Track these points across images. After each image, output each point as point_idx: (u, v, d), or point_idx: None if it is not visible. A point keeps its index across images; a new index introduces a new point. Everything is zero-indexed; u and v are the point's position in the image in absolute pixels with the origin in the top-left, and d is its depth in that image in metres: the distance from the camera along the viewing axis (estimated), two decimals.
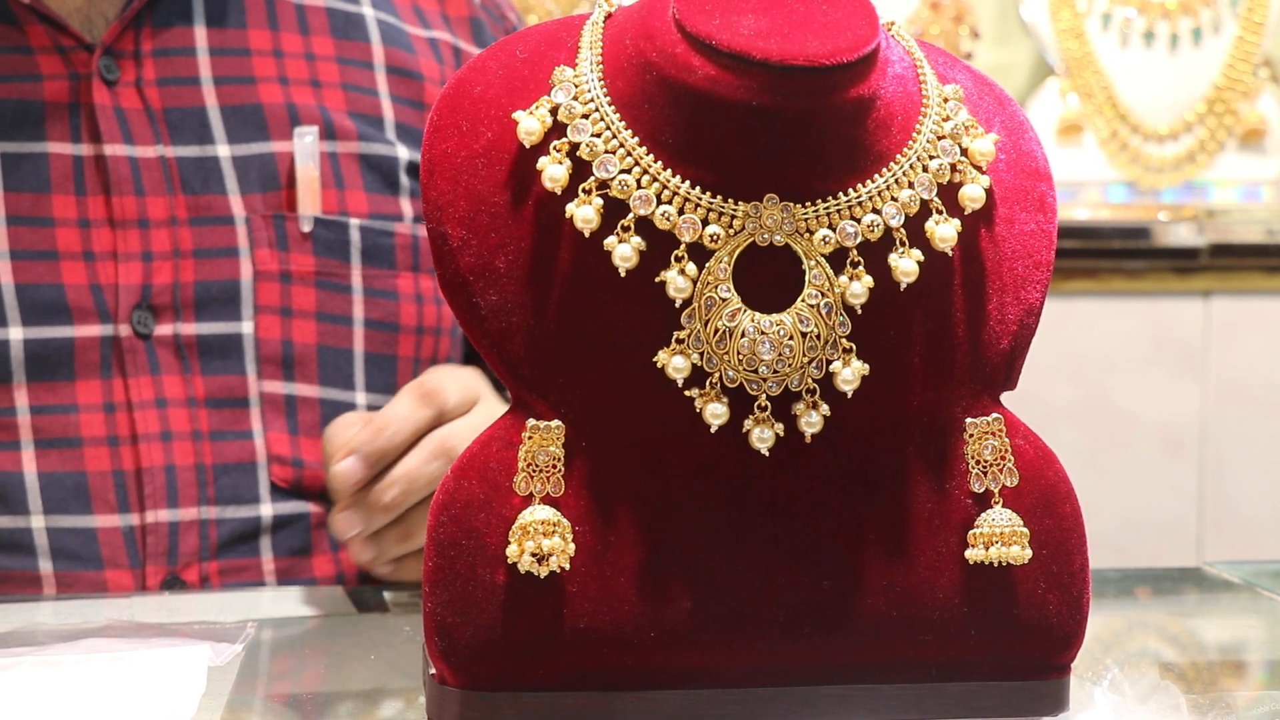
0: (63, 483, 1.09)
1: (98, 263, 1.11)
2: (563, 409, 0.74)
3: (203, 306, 1.12)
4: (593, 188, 0.72)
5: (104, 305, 1.10)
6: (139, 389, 1.10)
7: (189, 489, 1.10)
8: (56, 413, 1.09)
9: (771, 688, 0.74)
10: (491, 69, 0.77)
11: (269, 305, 1.14)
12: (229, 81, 1.15)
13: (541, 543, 0.72)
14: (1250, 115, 2.49)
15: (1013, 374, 0.77)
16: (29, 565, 1.09)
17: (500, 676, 0.73)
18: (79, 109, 1.12)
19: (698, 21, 0.72)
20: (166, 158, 1.13)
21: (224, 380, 1.13)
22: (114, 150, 1.11)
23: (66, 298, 1.10)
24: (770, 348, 0.72)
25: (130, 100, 1.13)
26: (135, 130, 1.12)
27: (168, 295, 1.11)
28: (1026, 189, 0.78)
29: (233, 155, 1.14)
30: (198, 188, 1.13)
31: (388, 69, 1.20)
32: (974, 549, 0.75)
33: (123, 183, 1.11)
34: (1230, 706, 0.84)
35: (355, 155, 1.17)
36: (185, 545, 1.10)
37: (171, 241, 1.12)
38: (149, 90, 1.13)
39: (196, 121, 1.14)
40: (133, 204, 1.11)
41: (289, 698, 0.86)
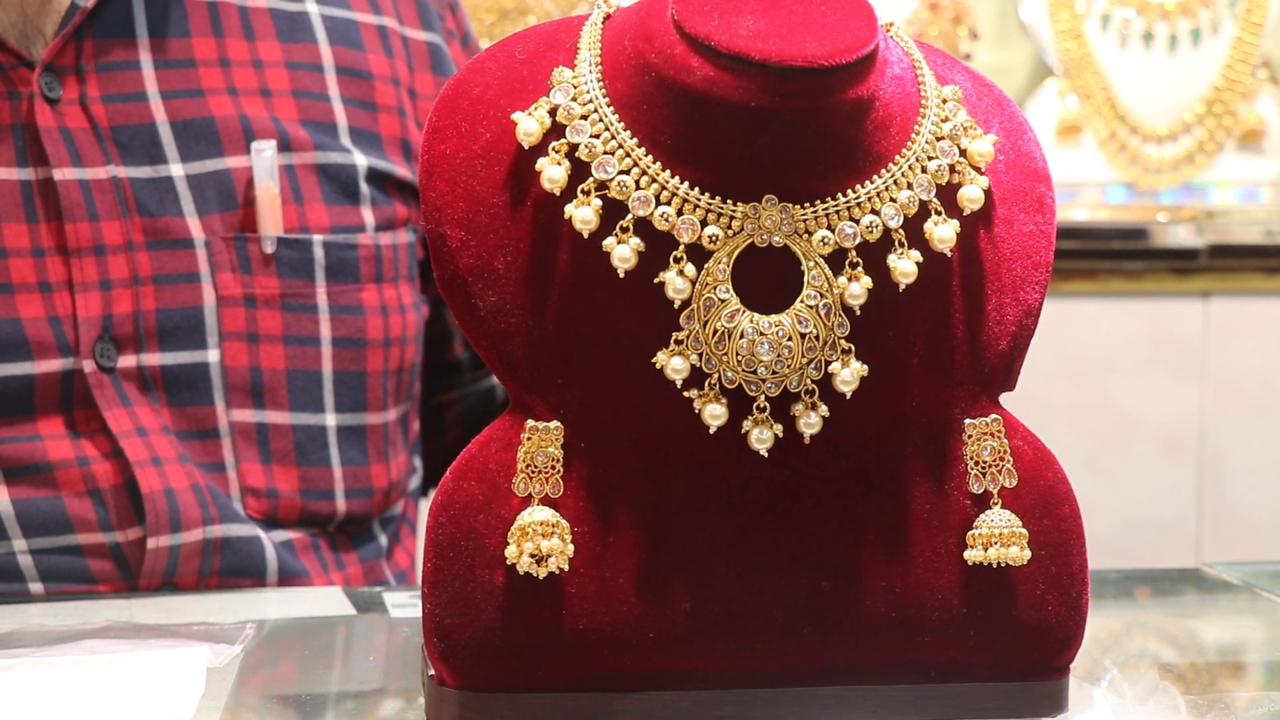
0: (36, 507, 1.06)
1: (54, 294, 1.05)
2: (561, 410, 0.74)
3: (166, 336, 1.08)
4: (591, 189, 0.72)
5: (64, 339, 1.05)
6: (117, 420, 1.06)
7: (191, 509, 1.07)
8: (20, 441, 1.05)
9: (770, 688, 0.74)
10: (490, 70, 0.77)
11: (234, 331, 1.09)
12: (177, 95, 1.10)
13: (540, 544, 0.72)
14: (1249, 116, 2.49)
15: (1011, 375, 0.77)
16: (19, 588, 1.06)
17: (499, 677, 0.73)
18: (23, 130, 1.06)
19: (696, 22, 0.72)
20: (119, 178, 1.07)
21: (192, 411, 1.08)
22: (63, 174, 1.05)
23: (25, 332, 1.05)
24: (769, 349, 0.72)
25: (76, 119, 1.07)
26: (84, 151, 1.06)
27: (130, 325, 1.07)
28: (1025, 190, 0.78)
29: (187, 174, 1.09)
30: (153, 209, 1.08)
31: (337, 70, 1.15)
32: (973, 550, 0.75)
33: (75, 208, 1.05)
34: (1229, 707, 0.84)
35: (312, 166, 1.13)
36: (186, 566, 1.07)
37: (130, 268, 1.07)
38: (94, 107, 1.07)
39: (147, 139, 1.09)
40: (87, 230, 1.05)
41: (288, 699, 0.86)
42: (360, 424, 1.13)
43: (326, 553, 1.13)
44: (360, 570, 1.15)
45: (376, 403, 1.14)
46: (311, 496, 1.11)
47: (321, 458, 1.11)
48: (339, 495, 1.12)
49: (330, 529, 1.13)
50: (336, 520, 1.12)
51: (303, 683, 0.90)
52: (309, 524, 1.12)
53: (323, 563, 1.13)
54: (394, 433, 1.16)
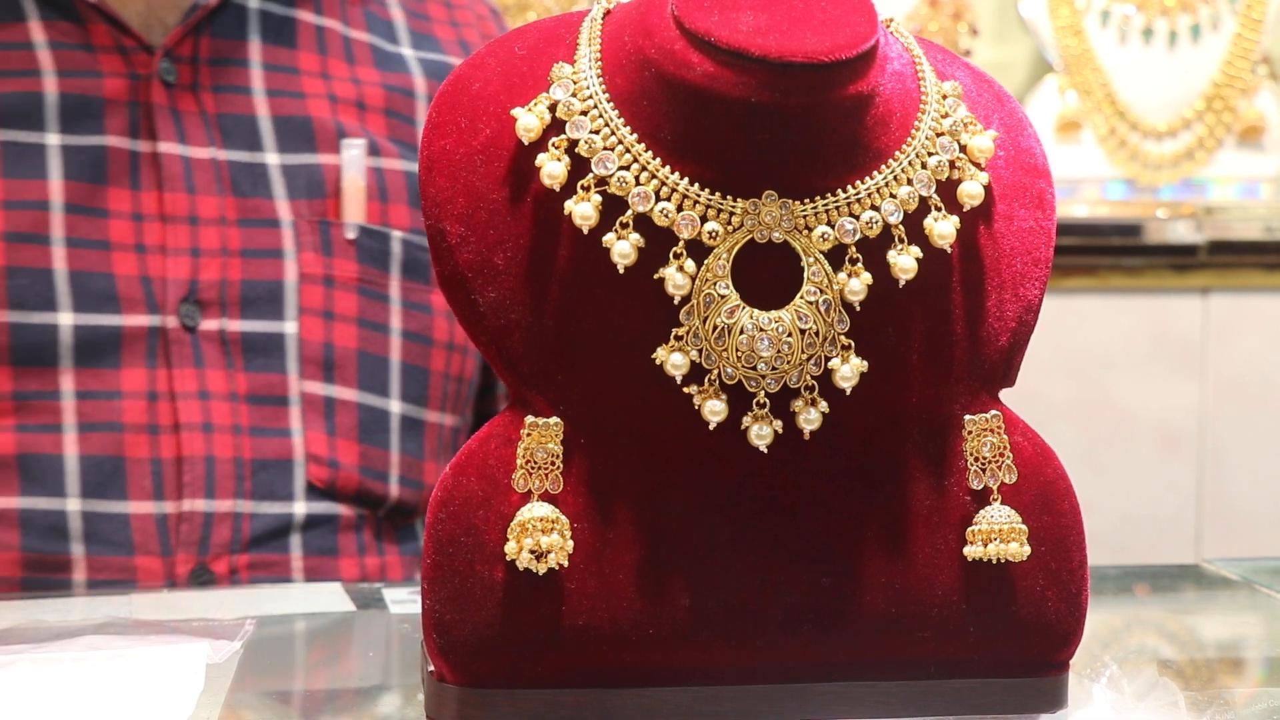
0: (102, 466, 1.12)
1: (148, 255, 1.14)
2: (561, 406, 0.74)
3: (248, 304, 1.16)
4: (591, 184, 0.72)
5: (152, 297, 1.14)
6: (183, 380, 1.13)
7: (226, 481, 1.13)
8: (100, 398, 1.12)
9: (770, 685, 0.74)
10: (490, 66, 0.77)
11: (312, 307, 1.17)
12: (279, 94, 1.19)
13: (540, 540, 0.72)
14: (1249, 112, 2.49)
15: (1011, 371, 0.77)
16: (61, 549, 1.11)
17: (499, 673, 0.73)
18: (137, 107, 1.16)
19: (696, 18, 0.72)
20: (218, 160, 1.16)
21: (266, 378, 1.15)
22: (169, 148, 1.15)
23: (116, 287, 1.13)
24: (769, 344, 0.72)
25: (186, 103, 1.17)
26: (190, 131, 1.16)
27: (214, 291, 1.15)
28: (1025, 186, 0.78)
29: (281, 163, 1.18)
30: (247, 190, 1.17)
31: (428, 99, 1.24)
32: (973, 546, 0.75)
33: (175, 179, 1.15)
34: (1228, 703, 0.84)
35: (400, 172, 1.21)
36: (218, 536, 1.12)
37: (220, 240, 1.15)
38: (204, 95, 1.17)
39: (247, 129, 1.18)
40: (184, 200, 1.15)
41: (287, 695, 0.86)
42: (420, 418, 1.20)
43: (369, 535, 1.18)
44: (399, 561, 1.20)
45: (436, 402, 1.21)
46: (369, 475, 1.17)
47: (382, 440, 1.18)
48: (393, 480, 1.18)
49: (380, 513, 1.18)
50: (387, 505, 1.18)
51: (302, 679, 0.90)
52: (362, 502, 1.17)
53: (361, 544, 1.17)
54: (448, 439, 1.23)
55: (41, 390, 1.12)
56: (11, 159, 1.13)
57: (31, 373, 1.12)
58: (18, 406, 1.12)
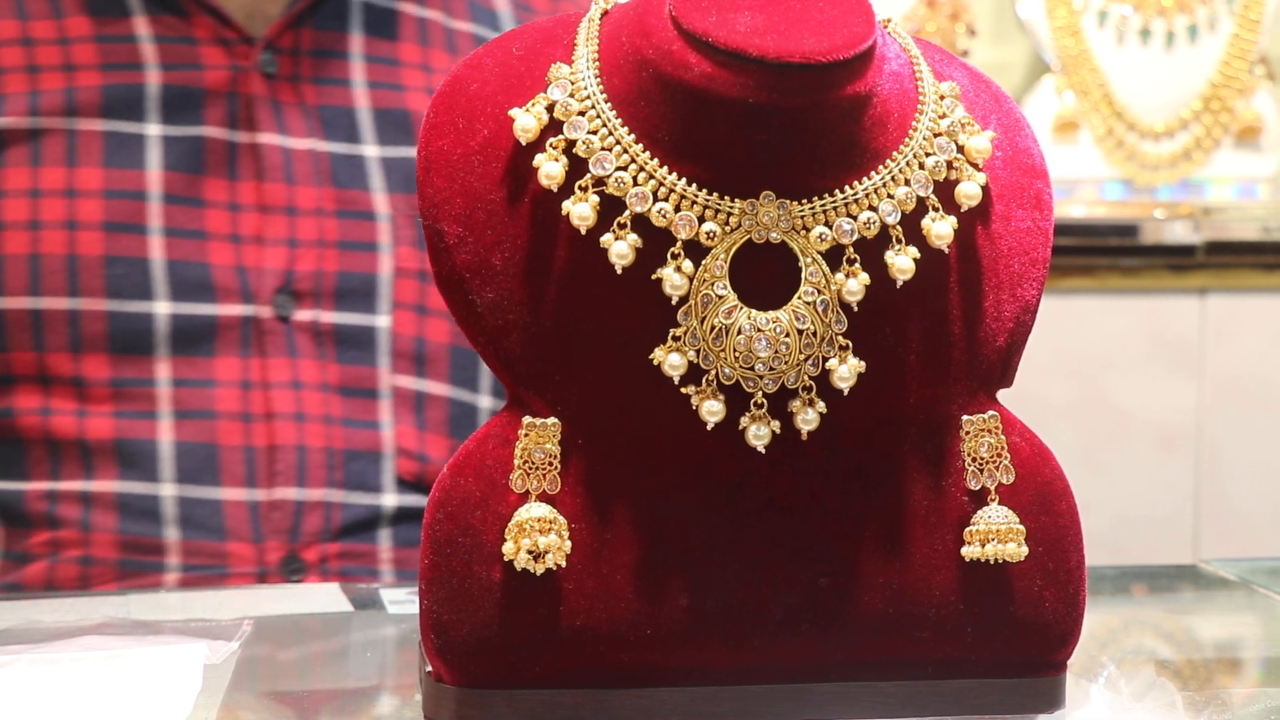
0: (196, 453, 1.13)
1: (244, 245, 1.15)
2: (559, 406, 0.74)
3: (342, 296, 1.17)
4: (589, 185, 0.72)
5: (247, 286, 1.15)
6: (276, 370, 1.14)
7: (317, 470, 1.14)
8: (195, 386, 1.14)
9: (768, 685, 0.74)
10: (488, 66, 0.77)
11: (406, 302, 1.18)
12: (380, 87, 1.20)
13: (538, 540, 0.72)
14: (1246, 113, 2.49)
15: (1009, 371, 0.77)
16: (155, 532, 1.12)
17: (497, 674, 0.73)
18: (237, 98, 1.17)
19: (694, 19, 0.72)
20: (317, 151, 1.17)
21: (357, 370, 1.16)
22: (268, 139, 1.16)
23: (212, 277, 1.14)
24: (767, 345, 0.72)
25: (286, 94, 1.18)
26: (289, 122, 1.17)
27: (309, 282, 1.16)
28: (1023, 186, 0.78)
29: (380, 156, 1.19)
30: (345, 181, 1.18)
31: None
32: (970, 546, 0.75)
33: (274, 170, 1.16)
34: (1226, 704, 0.84)
35: None
36: (308, 525, 1.14)
37: (317, 231, 1.17)
38: (304, 87, 1.18)
39: (347, 121, 1.19)
40: (282, 191, 1.16)
41: (285, 695, 0.86)
42: None
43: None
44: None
45: None
46: None
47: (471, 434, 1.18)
48: None
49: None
50: None
51: (300, 680, 0.90)
52: None
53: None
54: None
55: (138, 378, 1.13)
56: (112, 149, 1.14)
57: (129, 360, 1.13)
58: (115, 393, 1.13)
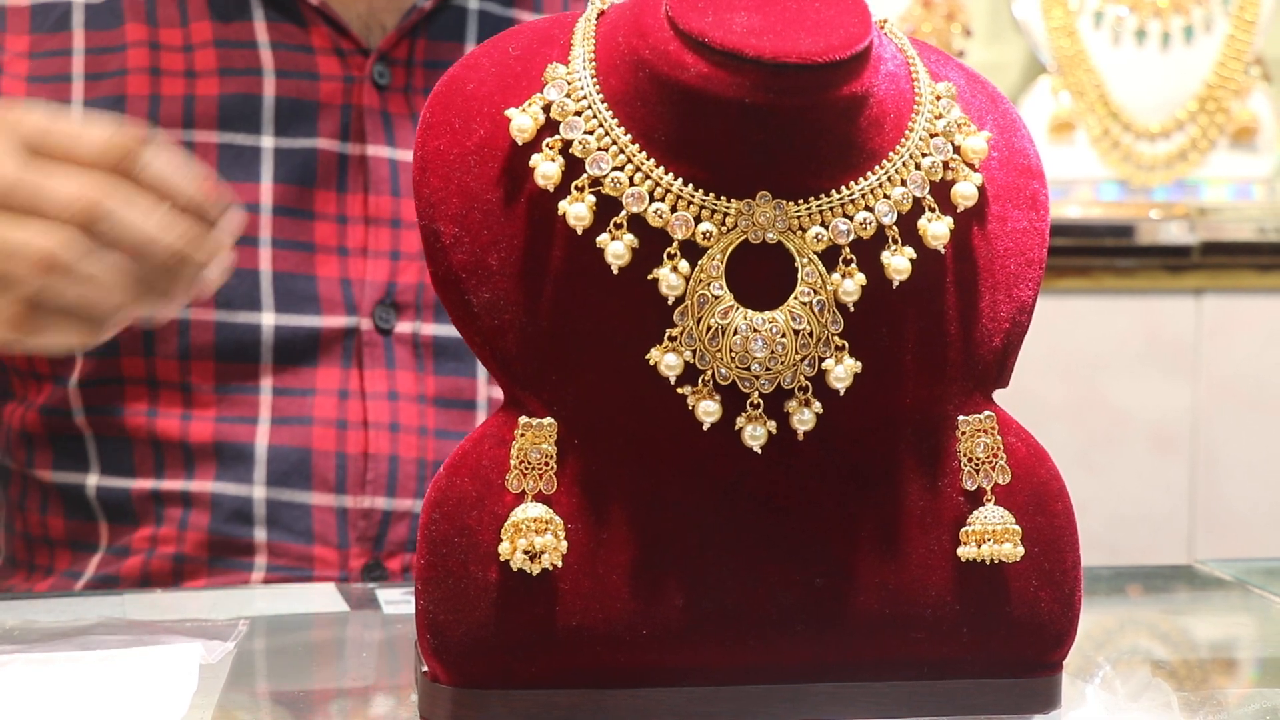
0: (289, 457, 1.13)
1: (349, 258, 1.15)
2: (555, 406, 0.74)
3: (442, 310, 1.14)
4: (585, 185, 0.72)
5: (351, 299, 1.15)
6: (373, 380, 1.14)
7: (408, 481, 1.14)
8: (295, 395, 1.14)
9: (764, 685, 0.74)
10: (484, 66, 0.77)
11: None
12: None
13: (534, 540, 0.72)
14: (1242, 113, 2.50)
15: (1005, 371, 0.77)
16: (245, 533, 1.13)
17: (492, 674, 0.73)
18: (349, 110, 1.16)
19: (690, 19, 0.72)
20: None
21: (454, 381, 1.16)
22: (376, 151, 1.15)
23: (318, 290, 1.14)
24: (763, 345, 0.72)
25: (398, 106, 1.17)
26: (399, 134, 1.16)
27: (411, 294, 1.15)
28: (1019, 187, 0.78)
29: None
30: None
31: None
32: (966, 546, 0.75)
33: (381, 183, 1.15)
34: (1221, 704, 0.84)
35: None
36: (394, 534, 1.14)
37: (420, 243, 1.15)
38: (416, 99, 1.18)
39: None
40: (388, 203, 1.15)
41: (281, 695, 0.86)
42: None
43: None
44: None
45: None
46: None
47: None
48: None
49: None
50: None
51: (296, 679, 0.90)
52: None
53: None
54: None
55: (242, 385, 1.13)
56: (227, 161, 1.14)
57: (234, 369, 1.13)
58: (219, 399, 1.13)
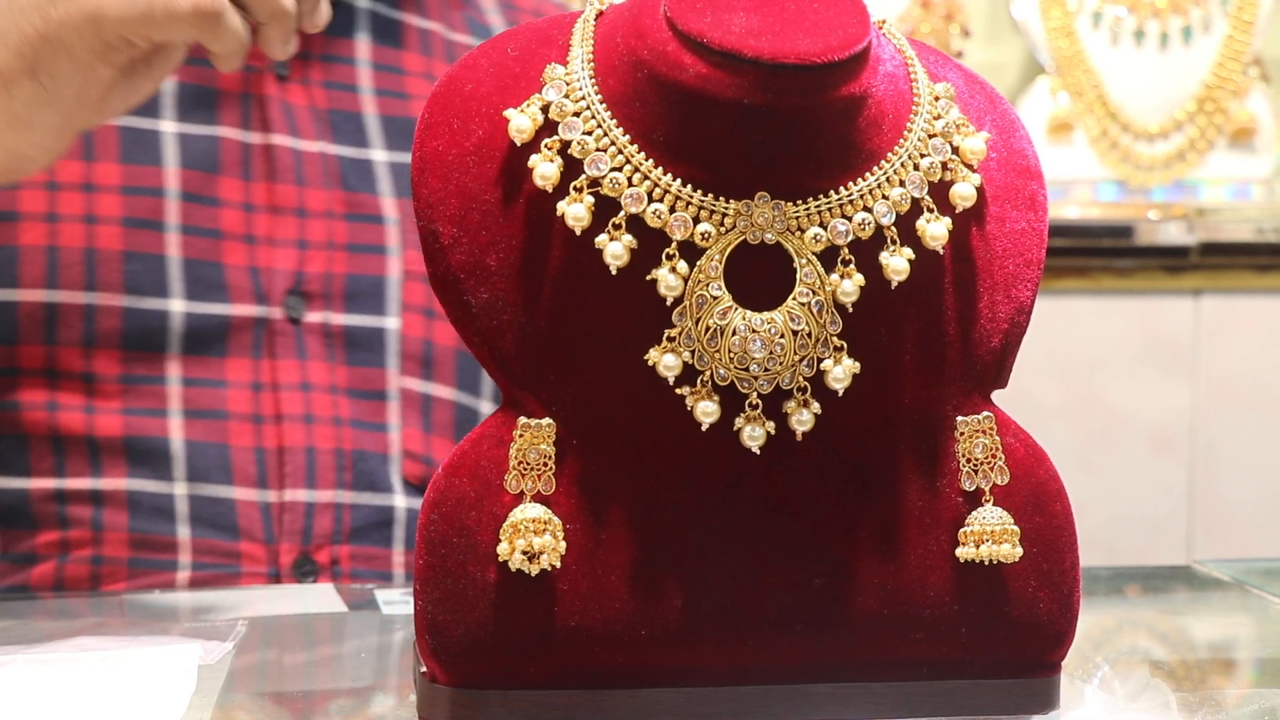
0: (207, 452, 1.13)
1: (257, 246, 1.15)
2: (554, 407, 0.74)
3: (352, 298, 1.17)
4: (584, 185, 0.72)
5: (260, 287, 1.15)
6: (285, 371, 1.14)
7: (327, 471, 1.14)
8: (206, 386, 1.13)
9: (763, 685, 0.74)
10: (483, 67, 0.77)
11: (414, 304, 1.18)
12: (386, 94, 1.21)
13: (533, 540, 0.72)
14: (1240, 114, 2.50)
15: (1004, 372, 0.77)
16: (168, 530, 1.12)
17: (491, 674, 0.73)
18: (251, 99, 1.17)
19: (689, 19, 0.72)
20: (327, 154, 1.18)
21: (366, 372, 1.16)
22: (281, 140, 1.17)
23: (226, 277, 1.14)
24: (761, 346, 0.72)
25: (298, 97, 1.18)
26: (300, 125, 1.18)
27: (319, 284, 1.16)
28: (1017, 187, 0.78)
29: (388, 161, 1.20)
30: (354, 185, 1.18)
31: None
32: (965, 547, 0.75)
33: (285, 171, 1.16)
34: (1220, 704, 0.84)
35: None
36: (319, 527, 1.13)
37: (327, 233, 1.17)
38: (314, 90, 1.19)
39: (355, 125, 1.20)
40: (293, 192, 1.16)
41: (279, 696, 0.86)
42: None
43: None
44: None
45: None
46: None
47: None
48: None
49: None
50: None
51: (294, 680, 0.90)
52: None
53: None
54: None
55: (149, 375, 1.13)
56: (129, 144, 1.14)
57: (140, 357, 1.13)
58: (125, 390, 1.13)
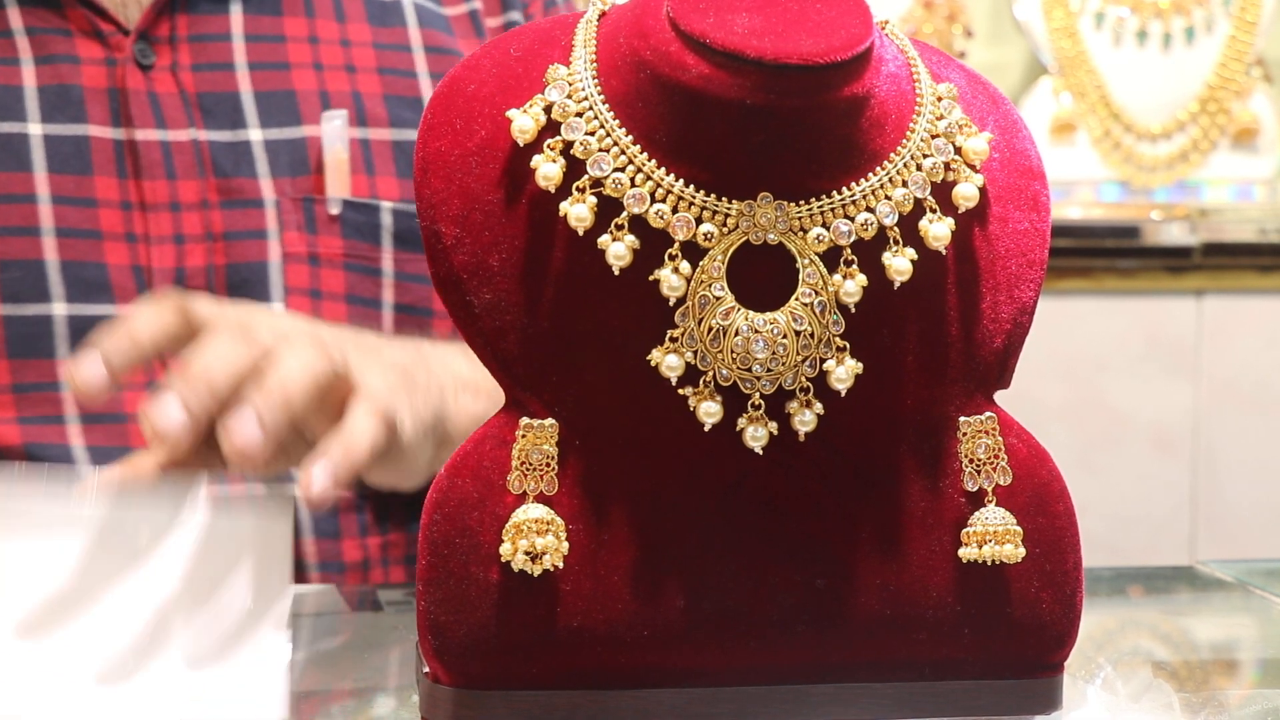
0: (111, 457, 1.10)
1: (138, 244, 1.13)
2: (556, 407, 0.74)
3: (235, 289, 1.14)
4: (586, 186, 0.72)
5: (144, 286, 1.13)
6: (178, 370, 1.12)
7: None
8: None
9: (765, 686, 0.74)
10: (485, 67, 0.77)
11: (298, 287, 1.15)
12: (263, 67, 1.17)
13: (535, 541, 0.72)
14: (1243, 114, 2.50)
15: (1006, 372, 0.77)
16: None
17: (493, 675, 0.73)
18: (117, 93, 1.14)
19: (692, 20, 0.72)
20: (199, 141, 1.15)
21: None
22: (145, 135, 1.13)
23: (109, 276, 1.12)
24: (764, 346, 0.72)
25: (165, 85, 1.14)
26: (168, 114, 1.14)
27: (201, 278, 1.14)
28: (1020, 187, 0.78)
29: (265, 139, 1.16)
30: (229, 170, 1.15)
31: (426, 49, 1.22)
32: (967, 548, 0.75)
33: (154, 166, 1.13)
34: (1222, 705, 0.84)
35: (387, 142, 1.19)
36: None
37: (203, 225, 1.14)
38: (184, 75, 1.15)
39: (230, 106, 1.16)
40: (164, 187, 1.13)
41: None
42: None
43: (370, 516, 1.17)
44: (403, 538, 1.18)
45: None
46: None
47: None
48: None
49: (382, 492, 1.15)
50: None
51: (297, 680, 0.90)
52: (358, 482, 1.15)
53: (363, 525, 1.16)
54: None
55: (40, 382, 1.11)
56: None
57: (29, 365, 1.11)
58: (18, 399, 1.11)
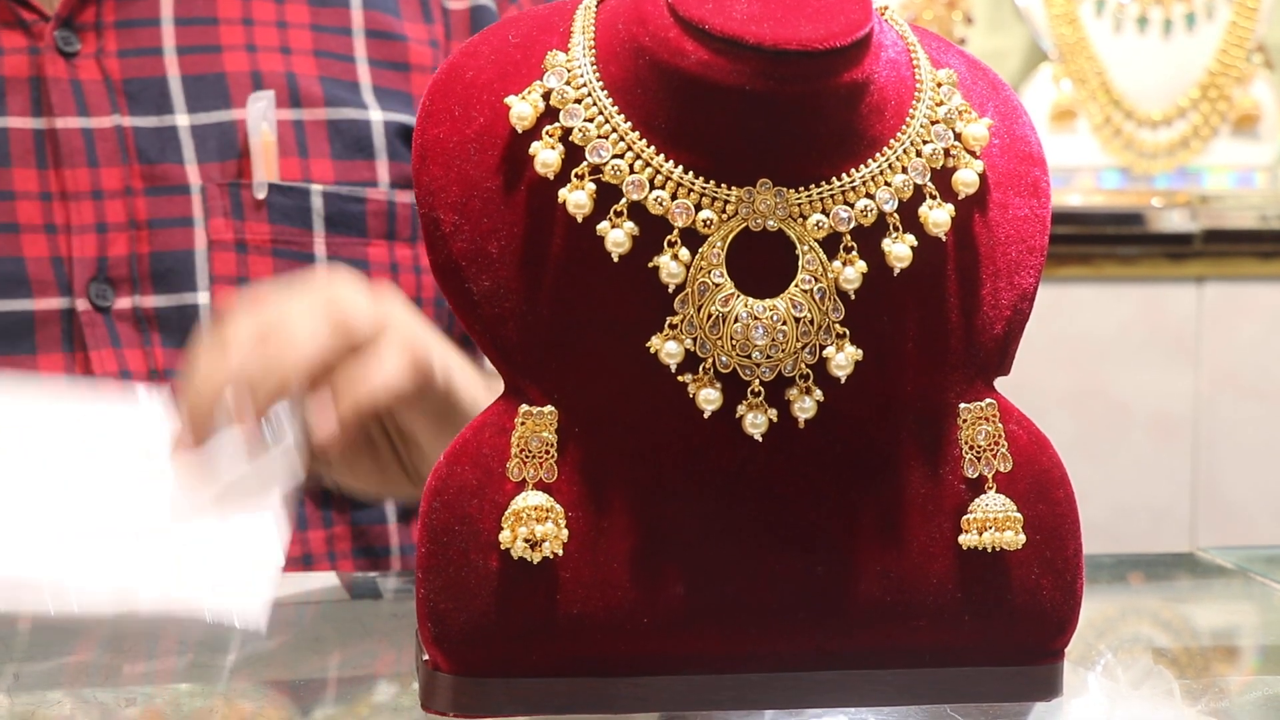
0: None
1: (57, 235, 1.10)
2: (556, 395, 0.74)
3: (160, 278, 1.12)
4: (585, 173, 0.72)
5: (63, 278, 1.10)
6: (101, 362, 1.10)
7: None
8: None
9: (765, 674, 0.74)
10: (483, 54, 0.77)
11: (225, 275, 1.13)
12: (193, 51, 1.14)
13: (535, 528, 0.72)
14: (1244, 101, 2.49)
15: (1006, 359, 0.77)
16: None
17: (493, 662, 0.73)
18: (38, 82, 1.11)
19: (691, 6, 0.71)
20: (123, 128, 1.12)
21: (182, 353, 1.10)
22: (66, 123, 1.10)
23: (27, 270, 1.10)
24: (763, 333, 0.72)
25: (89, 72, 1.12)
26: (91, 102, 1.11)
27: (124, 268, 1.11)
28: (1020, 174, 0.78)
29: (192, 124, 1.13)
30: (154, 157, 1.12)
31: (367, 33, 1.18)
32: (967, 534, 0.75)
33: (75, 154, 1.10)
34: (1223, 691, 0.84)
35: (322, 122, 1.16)
36: None
37: (127, 213, 1.11)
38: (109, 62, 1.12)
39: (156, 91, 1.13)
40: (85, 176, 1.11)
41: (282, 684, 0.86)
42: None
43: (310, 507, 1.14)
44: (347, 531, 1.16)
45: None
46: None
47: None
48: None
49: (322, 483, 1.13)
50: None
51: (297, 668, 0.90)
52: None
53: (302, 518, 1.13)
54: None
55: None
56: None
57: None
58: None
